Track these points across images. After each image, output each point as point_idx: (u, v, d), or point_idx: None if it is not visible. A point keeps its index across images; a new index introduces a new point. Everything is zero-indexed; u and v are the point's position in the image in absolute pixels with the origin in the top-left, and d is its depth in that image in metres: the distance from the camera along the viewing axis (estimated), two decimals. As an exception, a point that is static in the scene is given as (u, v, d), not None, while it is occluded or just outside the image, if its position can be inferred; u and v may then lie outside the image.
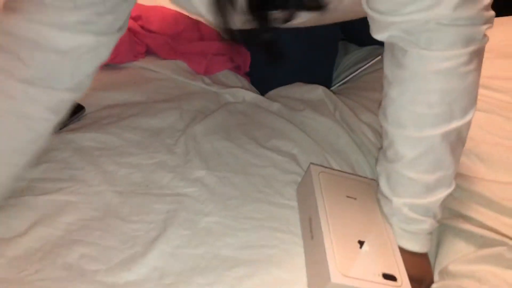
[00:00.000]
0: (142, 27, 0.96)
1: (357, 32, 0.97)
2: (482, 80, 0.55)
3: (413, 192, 0.57)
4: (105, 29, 0.55)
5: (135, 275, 0.54)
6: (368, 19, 0.55)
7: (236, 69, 0.94)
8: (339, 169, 0.70)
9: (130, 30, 0.92)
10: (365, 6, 0.53)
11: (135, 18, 0.97)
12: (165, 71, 0.88)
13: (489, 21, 0.51)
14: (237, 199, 0.64)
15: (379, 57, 0.93)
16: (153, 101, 0.80)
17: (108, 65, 0.89)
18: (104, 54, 0.58)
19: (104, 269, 0.55)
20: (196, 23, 0.98)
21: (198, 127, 0.75)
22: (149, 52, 0.93)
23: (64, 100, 0.56)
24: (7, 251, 0.54)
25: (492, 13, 0.51)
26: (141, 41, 0.94)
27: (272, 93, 0.86)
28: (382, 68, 0.86)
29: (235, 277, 0.55)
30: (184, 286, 0.54)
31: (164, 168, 0.68)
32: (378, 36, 0.54)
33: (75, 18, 0.52)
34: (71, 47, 0.53)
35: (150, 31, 0.97)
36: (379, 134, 0.75)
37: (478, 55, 0.53)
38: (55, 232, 0.58)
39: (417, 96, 0.54)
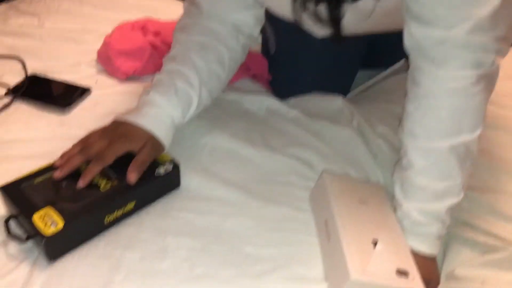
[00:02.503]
0: (162, 42, 1.05)
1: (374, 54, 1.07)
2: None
3: (422, 197, 0.66)
4: None
5: (167, 265, 0.62)
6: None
7: (254, 77, 1.04)
8: (355, 177, 0.78)
9: (150, 45, 1.01)
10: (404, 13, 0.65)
11: (155, 34, 1.07)
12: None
13: (500, 52, 0.62)
14: (259, 203, 0.74)
15: (394, 67, 1.02)
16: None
17: (131, 77, 0.98)
18: None
19: (139, 258, 0.62)
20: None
21: (221, 136, 0.83)
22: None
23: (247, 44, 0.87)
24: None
25: (506, 46, 0.62)
26: (161, 55, 1.02)
27: (292, 101, 0.95)
28: (394, 80, 0.96)
29: (257, 272, 0.65)
30: (211, 278, 0.63)
31: (191, 173, 0.77)
32: (405, 41, 0.66)
33: None
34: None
35: (170, 46, 1.05)
36: (393, 147, 0.84)
37: (486, 79, 0.63)
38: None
39: (428, 111, 0.65)
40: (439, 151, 0.65)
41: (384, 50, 1.07)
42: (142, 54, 1.00)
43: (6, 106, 0.89)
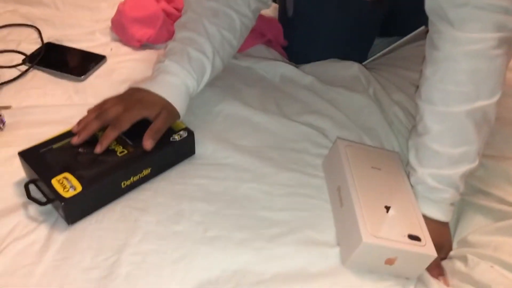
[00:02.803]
0: (175, 8, 1.04)
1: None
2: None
3: (437, 163, 0.65)
4: None
5: (182, 227, 0.64)
6: None
7: (269, 43, 1.03)
8: (370, 144, 0.78)
9: (164, 11, 1.00)
10: None
11: (168, 1, 1.06)
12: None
13: None
14: (273, 169, 0.74)
15: (412, 34, 1.00)
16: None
17: (145, 45, 0.98)
18: None
19: (155, 221, 0.63)
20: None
21: (235, 103, 0.83)
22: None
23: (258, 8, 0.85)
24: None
25: None
26: (174, 23, 1.01)
27: (307, 67, 0.94)
28: (412, 46, 0.94)
29: (270, 235, 0.66)
30: (226, 240, 0.64)
31: (206, 140, 0.77)
32: (426, 3, 0.65)
33: None
34: None
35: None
36: (410, 114, 0.83)
37: (507, 43, 0.62)
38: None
39: (446, 75, 0.64)
40: (456, 116, 0.64)
41: (402, 18, 1.04)
42: (156, 21, 1.00)
43: (23, 73, 0.90)
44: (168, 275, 0.59)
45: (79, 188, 0.63)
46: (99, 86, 0.89)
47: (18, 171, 0.70)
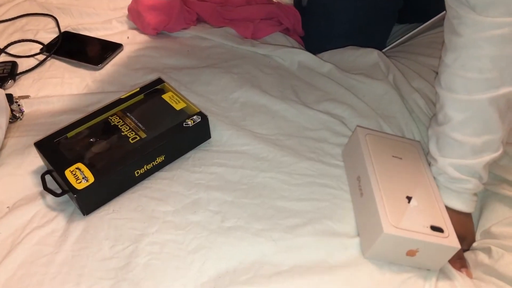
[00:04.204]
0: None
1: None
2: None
3: (459, 153, 0.63)
4: None
5: (200, 217, 0.62)
6: None
7: (286, 31, 1.01)
8: (390, 132, 0.75)
9: (180, -1, 0.99)
10: None
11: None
12: (215, 38, 0.96)
13: None
14: (291, 158, 0.72)
15: (431, 20, 0.96)
16: (205, 66, 0.89)
17: (162, 33, 0.96)
18: None
19: (172, 211, 0.62)
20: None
21: (252, 91, 0.81)
22: (199, 20, 1.00)
23: None
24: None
25: None
26: (191, 9, 1.00)
27: (325, 55, 0.92)
28: (433, 33, 0.90)
29: (289, 225, 0.64)
30: (243, 230, 0.63)
31: (222, 127, 0.76)
32: None
33: None
34: None
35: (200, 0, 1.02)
36: (431, 101, 0.80)
37: None
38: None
39: (468, 61, 0.60)
40: (479, 104, 0.61)
41: (421, 4, 1.00)
42: (172, 9, 0.98)
43: (41, 63, 0.90)
44: (185, 265, 0.58)
45: (91, 179, 0.62)
46: (116, 75, 0.87)
47: (37, 160, 0.69)
